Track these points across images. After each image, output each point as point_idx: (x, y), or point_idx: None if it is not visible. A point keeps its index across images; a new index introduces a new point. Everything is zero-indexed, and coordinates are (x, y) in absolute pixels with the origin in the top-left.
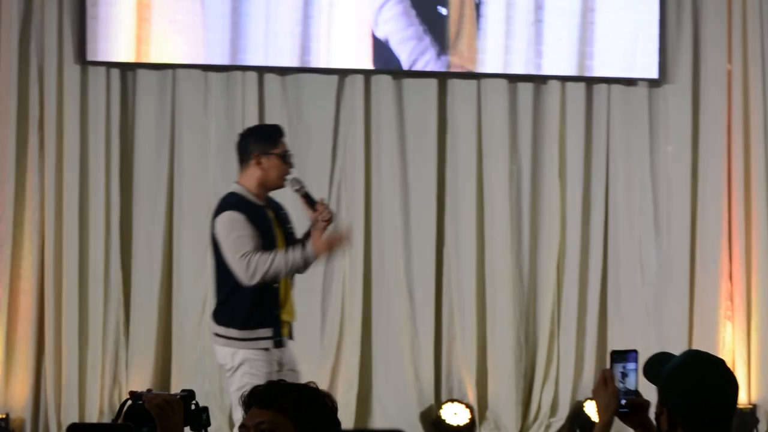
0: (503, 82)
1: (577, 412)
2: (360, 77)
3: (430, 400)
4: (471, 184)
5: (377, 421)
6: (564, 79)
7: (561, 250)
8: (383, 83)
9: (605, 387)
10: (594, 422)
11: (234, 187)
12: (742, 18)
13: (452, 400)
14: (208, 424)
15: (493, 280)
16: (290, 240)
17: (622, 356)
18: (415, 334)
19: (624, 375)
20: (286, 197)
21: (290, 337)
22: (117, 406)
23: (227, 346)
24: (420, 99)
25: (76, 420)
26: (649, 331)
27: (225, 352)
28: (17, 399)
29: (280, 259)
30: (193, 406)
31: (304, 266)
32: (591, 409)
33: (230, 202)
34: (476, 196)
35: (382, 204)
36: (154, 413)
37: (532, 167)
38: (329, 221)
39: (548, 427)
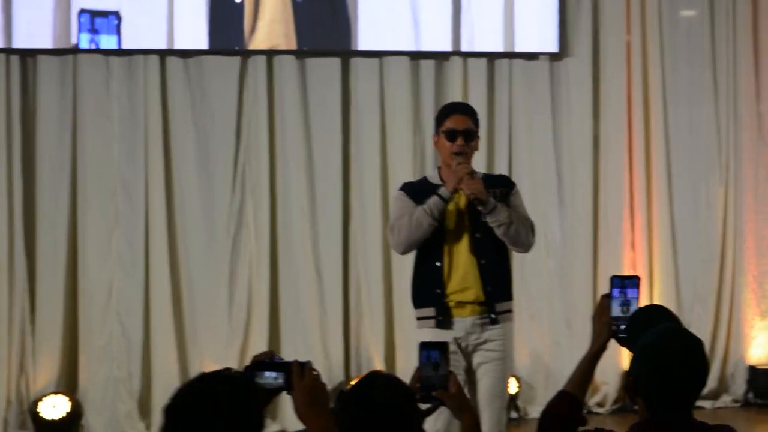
0: (405, 59)
1: None
2: (262, 58)
3: (340, 377)
4: (376, 162)
5: (285, 401)
6: (466, 54)
7: None
8: (286, 63)
9: (602, 313)
10: None
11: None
12: None
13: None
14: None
15: (399, 256)
16: (477, 224)
17: (621, 282)
18: (323, 312)
19: (624, 303)
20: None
21: (488, 318)
22: (25, 395)
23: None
24: (323, 78)
25: None
26: (554, 301)
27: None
28: None
29: (418, 211)
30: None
31: (436, 206)
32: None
33: (405, 183)
34: (381, 173)
35: (287, 184)
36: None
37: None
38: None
39: None
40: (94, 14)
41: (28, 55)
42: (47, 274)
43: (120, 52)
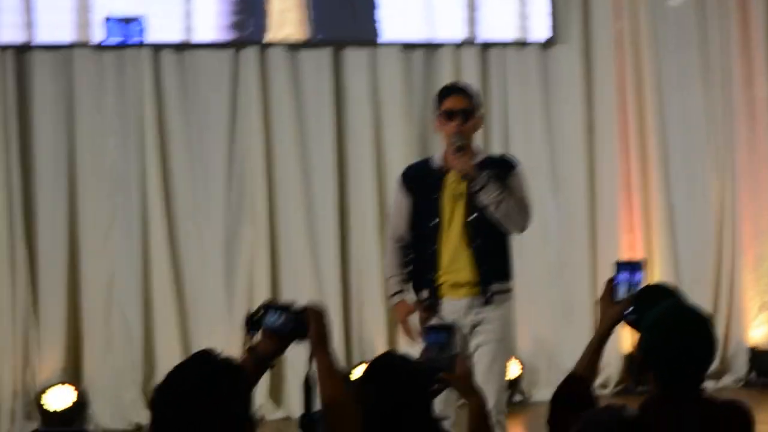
0: (396, 49)
1: None
2: (254, 50)
3: (342, 363)
4: (369, 152)
5: (291, 388)
6: (457, 45)
7: None
8: (277, 55)
9: (608, 297)
10: None
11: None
12: None
13: (364, 362)
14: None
15: None
16: (471, 204)
17: (626, 266)
18: (322, 301)
19: (630, 286)
20: None
21: (482, 299)
22: (31, 386)
23: None
24: (315, 69)
25: None
26: (554, 286)
27: None
28: None
29: (389, 282)
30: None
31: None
32: None
33: (407, 167)
34: (375, 163)
35: (282, 176)
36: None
37: (431, 133)
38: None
39: None
40: (123, 21)
41: (22, 51)
42: (49, 266)
43: (112, 47)
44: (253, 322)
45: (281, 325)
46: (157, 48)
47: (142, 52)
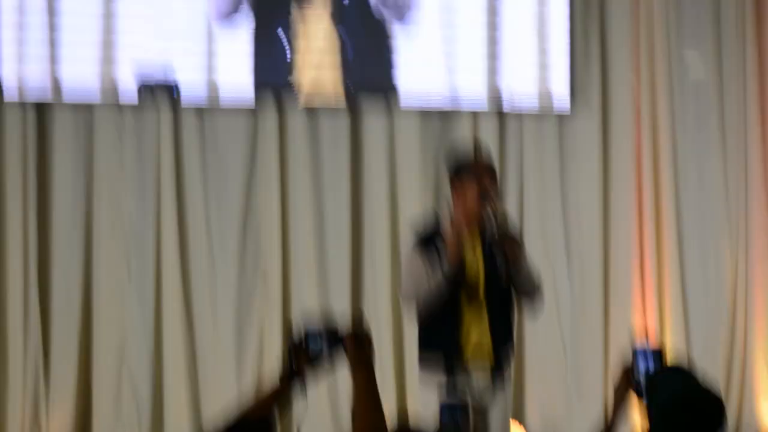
0: (416, 116)
1: None
2: (273, 113)
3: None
4: (385, 220)
5: None
6: (476, 113)
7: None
8: (297, 119)
9: (625, 386)
10: None
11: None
12: (649, 49)
13: None
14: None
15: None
16: (491, 270)
17: (644, 355)
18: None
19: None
20: None
21: (495, 381)
22: None
23: None
24: (333, 134)
25: None
26: (564, 365)
27: None
28: None
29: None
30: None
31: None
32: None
33: (417, 237)
34: (390, 230)
35: (297, 238)
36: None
37: (443, 195)
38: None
39: None
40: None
41: (45, 108)
42: (62, 326)
43: (132, 107)
44: (298, 352)
45: (323, 351)
46: (177, 110)
47: (162, 113)
